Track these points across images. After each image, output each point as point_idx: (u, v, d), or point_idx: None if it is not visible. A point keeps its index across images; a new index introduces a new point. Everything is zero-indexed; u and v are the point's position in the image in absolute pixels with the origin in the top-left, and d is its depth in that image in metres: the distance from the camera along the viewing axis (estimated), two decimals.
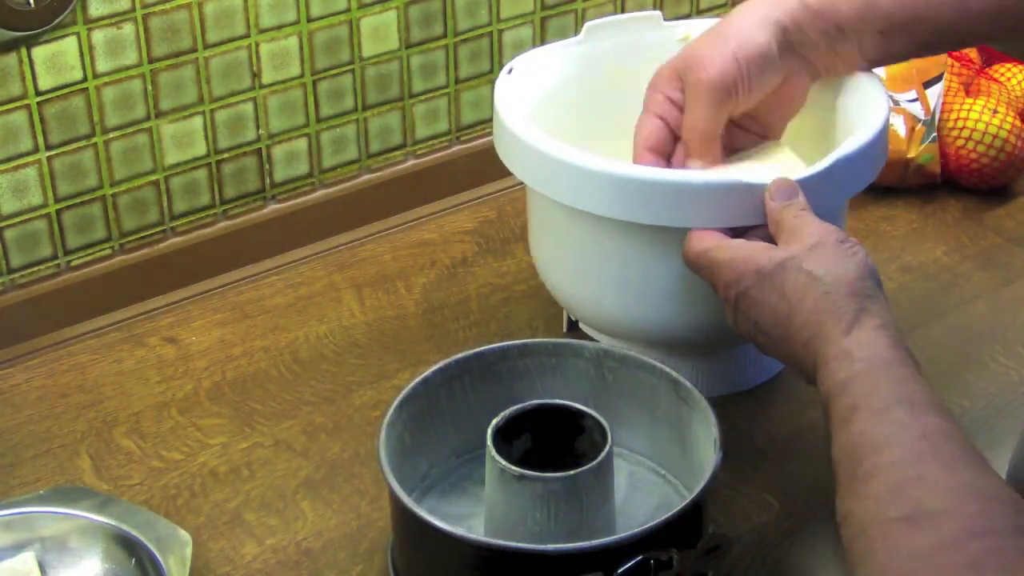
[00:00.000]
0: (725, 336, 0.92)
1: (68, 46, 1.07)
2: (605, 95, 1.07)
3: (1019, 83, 1.32)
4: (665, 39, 1.07)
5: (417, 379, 0.90)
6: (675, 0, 1.38)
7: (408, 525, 0.84)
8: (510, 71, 1.03)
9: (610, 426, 0.85)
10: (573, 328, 1.10)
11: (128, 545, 0.87)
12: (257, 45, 1.16)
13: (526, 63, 1.05)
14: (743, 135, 1.01)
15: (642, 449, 0.95)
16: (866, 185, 0.96)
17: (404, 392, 0.89)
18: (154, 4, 1.09)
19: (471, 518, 0.90)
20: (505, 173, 1.00)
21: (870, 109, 0.97)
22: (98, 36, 1.08)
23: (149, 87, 1.12)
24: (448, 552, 0.81)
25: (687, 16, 1.39)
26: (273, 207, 1.23)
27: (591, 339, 1.06)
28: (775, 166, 0.98)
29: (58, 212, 1.12)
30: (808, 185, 0.89)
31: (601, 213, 0.93)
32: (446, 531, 0.80)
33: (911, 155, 1.26)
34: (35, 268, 1.13)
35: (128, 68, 1.10)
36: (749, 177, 0.89)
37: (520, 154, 0.97)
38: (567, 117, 1.05)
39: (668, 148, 0.98)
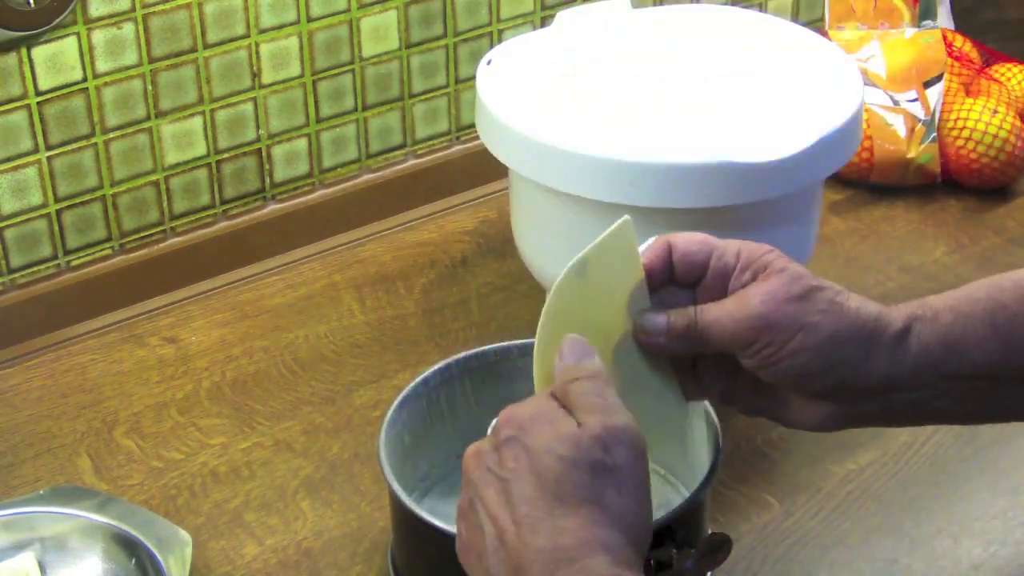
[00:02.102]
0: None
1: (68, 46, 1.07)
2: (579, 80, 1.08)
3: (1019, 83, 1.32)
4: (634, 24, 1.08)
5: (417, 379, 0.90)
6: None
7: (408, 525, 0.84)
8: (489, 62, 1.04)
9: None
10: None
11: (128, 545, 0.87)
12: (257, 45, 1.16)
13: (504, 53, 1.05)
14: None
15: None
16: (841, 167, 0.97)
17: (404, 392, 0.89)
18: (154, 4, 1.09)
19: None
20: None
21: (845, 91, 0.98)
22: (98, 36, 1.08)
23: (149, 87, 1.12)
24: (448, 552, 0.81)
25: None
26: (273, 207, 1.23)
27: None
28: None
29: (58, 212, 1.12)
30: (788, 165, 0.90)
31: (584, 195, 0.93)
32: (446, 531, 0.80)
33: (911, 155, 1.26)
34: (35, 268, 1.13)
35: (128, 68, 1.10)
36: (735, 157, 0.90)
37: (504, 139, 0.97)
38: (545, 102, 1.05)
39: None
